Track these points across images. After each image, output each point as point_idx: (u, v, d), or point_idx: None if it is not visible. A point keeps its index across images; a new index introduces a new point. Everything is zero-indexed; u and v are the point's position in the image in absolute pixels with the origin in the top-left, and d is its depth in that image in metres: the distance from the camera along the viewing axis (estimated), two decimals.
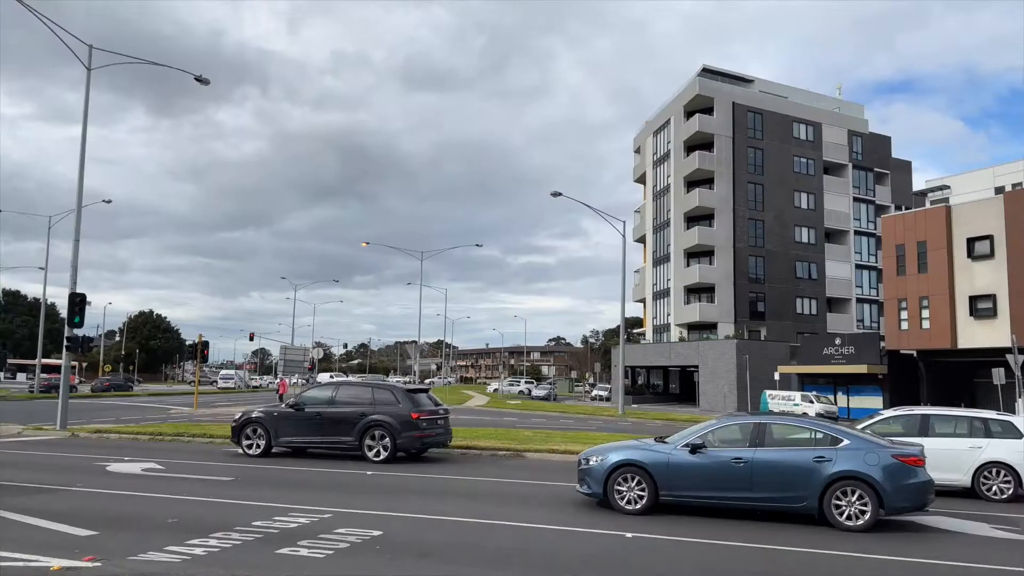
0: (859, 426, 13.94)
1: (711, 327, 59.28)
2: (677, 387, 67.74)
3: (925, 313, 41.66)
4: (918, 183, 71.56)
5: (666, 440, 10.97)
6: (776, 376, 47.29)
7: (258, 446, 16.21)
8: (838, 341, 46.51)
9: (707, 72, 64.42)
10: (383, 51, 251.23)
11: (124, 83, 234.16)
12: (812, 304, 62.62)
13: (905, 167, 71.98)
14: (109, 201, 46.92)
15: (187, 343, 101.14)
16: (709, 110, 61.71)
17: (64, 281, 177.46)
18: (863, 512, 9.48)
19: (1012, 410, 34.11)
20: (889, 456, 9.70)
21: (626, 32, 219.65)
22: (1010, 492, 13.00)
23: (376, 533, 8.40)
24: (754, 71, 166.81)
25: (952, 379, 44.39)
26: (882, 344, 44.85)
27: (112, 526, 8.57)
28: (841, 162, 65.73)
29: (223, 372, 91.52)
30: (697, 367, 56.47)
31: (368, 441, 15.44)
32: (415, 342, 72.62)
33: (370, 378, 79.81)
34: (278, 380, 65.13)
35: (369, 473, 13.98)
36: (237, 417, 16.87)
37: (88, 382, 68.39)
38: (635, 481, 10.31)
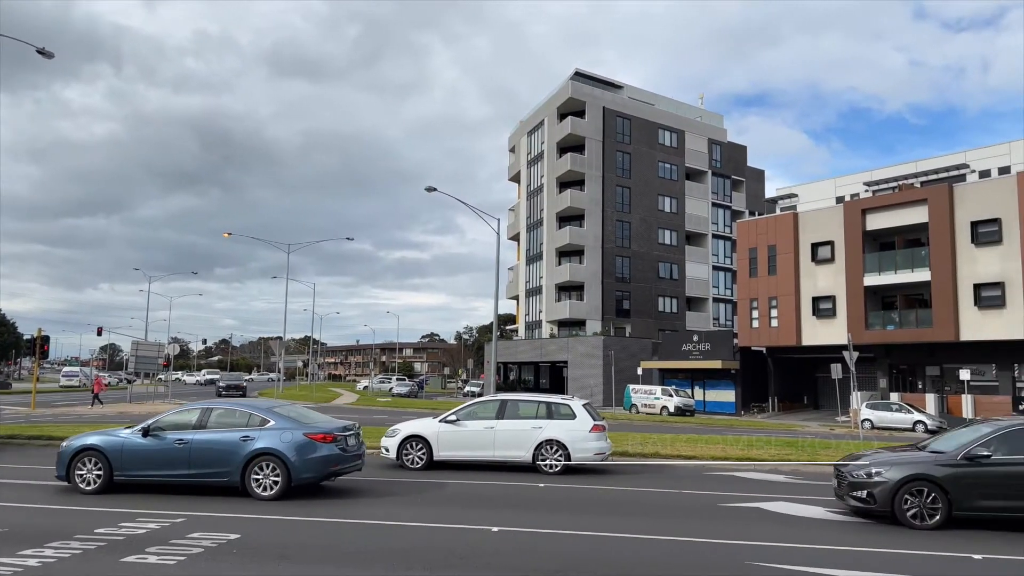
0: (456, 408, 15.34)
1: (580, 324, 61.02)
2: (548, 382, 69.15)
3: (774, 312, 44.71)
4: (770, 191, 76.88)
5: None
6: (639, 371, 49.32)
7: None
8: (695, 338, 49.08)
9: (580, 76, 66.10)
10: (250, 34, 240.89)
11: None
12: (673, 303, 65.76)
13: (759, 175, 76.95)
14: None
15: (24, 337, 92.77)
16: (581, 113, 63.38)
17: None
18: (276, 483, 10.78)
19: (848, 402, 37.26)
20: (301, 435, 11.04)
21: (502, 32, 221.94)
22: (560, 466, 14.30)
23: None
24: (624, 77, 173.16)
25: (797, 374, 47.98)
26: (735, 341, 47.71)
27: None
28: (701, 169, 69.32)
29: (66, 369, 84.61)
30: (566, 363, 57.97)
31: None
32: (280, 338, 69.91)
33: (227, 376, 75.13)
34: (93, 375, 59.57)
35: None
36: None
37: None
38: (93, 463, 11.19)
